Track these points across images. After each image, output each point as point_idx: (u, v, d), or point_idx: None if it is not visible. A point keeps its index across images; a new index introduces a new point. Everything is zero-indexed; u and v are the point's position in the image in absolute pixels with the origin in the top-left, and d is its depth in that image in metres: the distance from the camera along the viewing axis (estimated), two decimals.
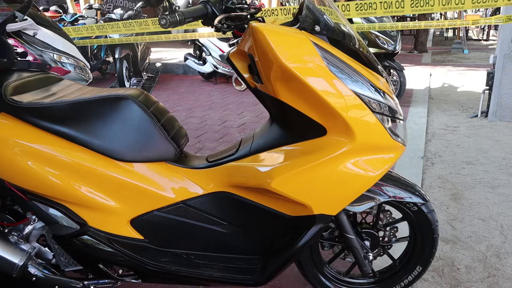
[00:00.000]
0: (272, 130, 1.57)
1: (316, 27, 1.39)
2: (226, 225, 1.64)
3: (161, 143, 1.60)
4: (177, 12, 1.32)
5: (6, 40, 1.70)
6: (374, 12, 3.02)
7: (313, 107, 1.39)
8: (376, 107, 1.44)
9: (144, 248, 1.64)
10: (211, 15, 1.41)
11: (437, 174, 3.42)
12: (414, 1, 2.84)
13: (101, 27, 4.57)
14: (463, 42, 10.54)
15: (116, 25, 4.44)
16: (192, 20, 1.36)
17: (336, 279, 1.90)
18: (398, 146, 1.51)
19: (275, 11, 3.75)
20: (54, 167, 1.53)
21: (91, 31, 4.67)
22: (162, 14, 1.33)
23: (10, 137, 1.51)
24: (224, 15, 1.39)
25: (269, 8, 4.35)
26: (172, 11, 1.32)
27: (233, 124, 4.73)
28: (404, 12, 2.93)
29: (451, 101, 5.68)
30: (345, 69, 1.39)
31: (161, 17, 1.33)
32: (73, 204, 1.57)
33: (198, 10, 1.38)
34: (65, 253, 1.71)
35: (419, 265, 1.84)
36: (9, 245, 1.68)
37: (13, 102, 1.52)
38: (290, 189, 1.45)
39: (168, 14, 1.32)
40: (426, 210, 1.73)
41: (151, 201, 1.61)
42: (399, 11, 2.92)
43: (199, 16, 1.39)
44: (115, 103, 1.57)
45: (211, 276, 1.61)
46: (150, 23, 4.25)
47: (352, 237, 1.70)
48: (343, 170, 1.44)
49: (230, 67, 4.91)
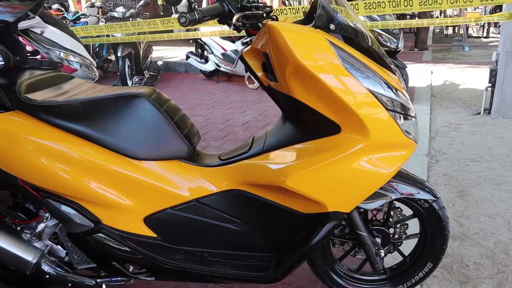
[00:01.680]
0: (285, 128, 1.58)
1: (330, 25, 1.40)
2: (239, 222, 1.64)
3: (175, 141, 1.60)
4: (196, 11, 1.33)
5: (19, 39, 1.70)
6: (383, 10, 3.03)
7: (327, 104, 1.40)
8: (389, 104, 1.45)
9: (157, 246, 1.64)
10: (227, 14, 1.42)
11: (442, 172, 3.43)
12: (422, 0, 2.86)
13: (109, 27, 4.57)
14: (464, 40, 10.55)
15: (124, 25, 4.44)
16: (210, 18, 1.37)
17: (347, 276, 1.91)
18: (410, 143, 1.52)
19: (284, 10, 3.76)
20: (68, 164, 1.54)
21: (100, 30, 4.67)
22: (181, 12, 1.34)
23: (24, 135, 1.52)
24: (241, 14, 1.40)
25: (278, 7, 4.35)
26: (191, 9, 1.33)
27: (236, 122, 4.73)
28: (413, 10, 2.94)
29: (453, 99, 5.69)
30: (359, 67, 1.40)
31: (181, 16, 1.34)
32: (87, 202, 1.58)
33: (215, 9, 1.39)
34: (78, 251, 1.72)
35: (430, 262, 1.85)
36: (22, 242, 1.69)
37: (28, 100, 1.52)
38: (305, 187, 1.45)
39: (187, 13, 1.33)
40: (437, 207, 1.74)
41: (165, 199, 1.61)
42: (408, 9, 2.93)
43: (216, 15, 1.41)
44: (129, 101, 1.57)
45: (225, 273, 1.62)
46: (159, 22, 4.25)
47: (364, 234, 1.71)
48: (357, 167, 1.45)
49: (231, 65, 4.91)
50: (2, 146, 1.52)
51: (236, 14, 1.40)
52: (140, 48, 6.58)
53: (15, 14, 1.59)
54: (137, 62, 6.55)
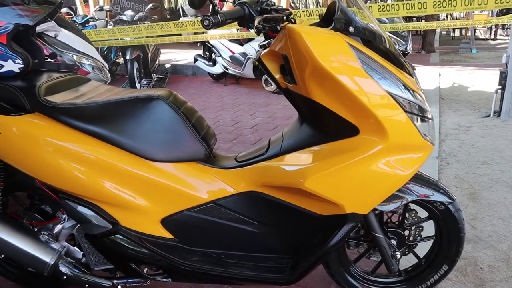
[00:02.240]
0: (303, 130, 1.59)
1: (350, 28, 1.41)
2: (256, 224, 1.65)
3: (192, 143, 1.61)
4: (219, 14, 1.35)
5: (37, 42, 1.71)
6: (397, 13, 3.04)
7: (346, 106, 1.41)
8: (407, 106, 1.46)
9: (174, 248, 1.65)
10: (247, 16, 1.44)
11: (453, 174, 3.42)
12: (436, 2, 2.86)
13: (122, 30, 4.60)
14: (472, 42, 10.50)
15: (137, 28, 4.47)
16: (232, 21, 1.39)
17: (362, 278, 1.91)
18: (427, 145, 1.53)
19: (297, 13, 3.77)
20: (87, 166, 1.55)
21: (112, 34, 4.70)
22: (205, 15, 1.35)
23: (44, 137, 1.53)
24: (262, 16, 1.41)
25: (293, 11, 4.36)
26: (214, 12, 1.35)
27: (245, 125, 4.74)
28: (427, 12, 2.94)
29: (462, 101, 5.67)
30: (378, 69, 1.41)
31: (204, 18, 1.35)
32: (105, 203, 1.59)
33: (236, 12, 1.41)
34: (95, 252, 1.74)
35: (445, 264, 1.84)
36: (40, 243, 1.71)
37: (47, 102, 1.54)
38: (323, 189, 1.46)
39: (211, 15, 1.34)
40: (453, 209, 1.74)
41: (182, 200, 1.62)
42: (422, 11, 2.93)
43: (237, 18, 1.42)
44: (147, 103, 1.59)
45: (242, 275, 1.62)
46: (172, 25, 4.28)
47: (380, 236, 1.71)
48: (376, 169, 1.45)
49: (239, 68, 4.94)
50: (22, 148, 1.53)
51: (257, 17, 1.41)
52: (148, 51, 6.61)
53: (35, 17, 1.60)
54: (145, 65, 6.58)
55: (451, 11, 2.94)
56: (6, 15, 1.53)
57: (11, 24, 1.52)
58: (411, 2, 2.89)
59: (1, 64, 1.53)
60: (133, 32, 4.55)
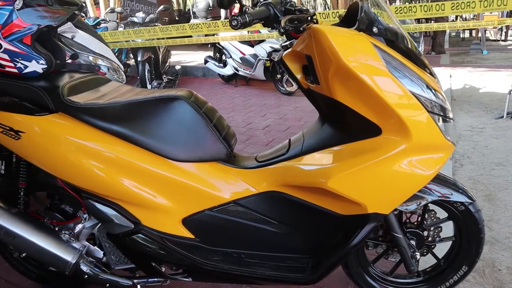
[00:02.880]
0: (324, 130, 1.59)
1: (373, 28, 1.41)
2: (277, 224, 1.65)
3: (214, 143, 1.62)
4: (246, 14, 1.36)
5: (59, 43, 1.73)
6: (414, 14, 3.03)
7: (370, 106, 1.41)
8: (430, 106, 1.46)
9: (195, 247, 1.66)
10: (273, 17, 1.45)
11: (468, 176, 3.40)
12: (455, 4, 2.85)
13: (137, 31, 4.63)
14: (482, 43, 10.45)
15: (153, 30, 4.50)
16: (258, 21, 1.40)
17: (381, 278, 1.91)
18: (448, 145, 1.52)
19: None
20: (110, 165, 1.56)
21: (128, 35, 4.73)
22: (233, 16, 1.37)
23: (68, 136, 1.55)
24: (288, 17, 1.42)
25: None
26: (242, 12, 1.36)
27: (257, 126, 4.75)
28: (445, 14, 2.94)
29: (474, 102, 5.65)
30: (401, 69, 1.41)
31: (233, 19, 1.37)
32: (127, 203, 1.60)
33: (262, 12, 1.42)
34: (116, 252, 1.75)
35: (465, 265, 1.84)
36: (62, 243, 1.72)
37: (71, 102, 1.55)
38: (346, 188, 1.46)
39: (239, 16, 1.36)
40: (473, 209, 1.73)
41: (203, 200, 1.63)
42: (439, 13, 2.92)
43: (262, 18, 1.43)
44: (169, 104, 1.60)
45: (263, 274, 1.63)
46: (187, 27, 4.30)
47: (400, 236, 1.70)
48: (398, 169, 1.45)
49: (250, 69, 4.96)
50: (46, 147, 1.55)
51: (283, 17, 1.42)
52: (159, 52, 6.63)
53: (59, 19, 1.62)
54: (156, 67, 6.60)
55: (469, 12, 2.93)
56: (31, 16, 1.54)
57: (35, 25, 1.54)
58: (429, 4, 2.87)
59: (25, 64, 1.55)
60: (148, 33, 4.58)
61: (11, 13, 1.51)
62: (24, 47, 1.53)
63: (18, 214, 1.73)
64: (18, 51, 1.53)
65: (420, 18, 11.61)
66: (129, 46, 5.84)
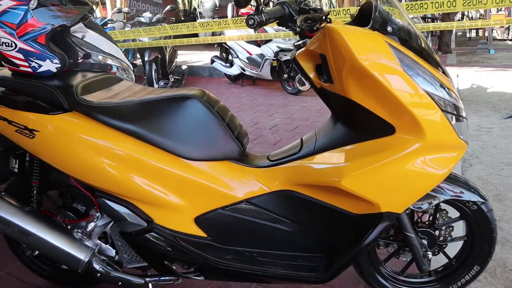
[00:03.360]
0: (337, 129, 1.59)
1: (388, 27, 1.41)
2: (289, 223, 1.66)
3: (227, 142, 1.63)
4: (263, 13, 1.37)
5: (71, 42, 1.74)
6: (425, 11, 3.02)
7: (384, 105, 1.41)
8: (443, 105, 1.46)
9: (208, 246, 1.66)
10: (287, 16, 1.45)
11: (477, 175, 3.39)
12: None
13: (148, 30, 4.64)
14: (489, 42, 10.40)
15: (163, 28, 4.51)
16: (273, 20, 1.41)
17: (393, 278, 1.90)
18: (462, 144, 1.52)
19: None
20: (123, 164, 1.57)
21: (138, 34, 4.75)
22: (250, 15, 1.37)
23: (82, 135, 1.56)
24: (304, 16, 1.43)
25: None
26: (259, 12, 1.37)
27: (265, 125, 4.75)
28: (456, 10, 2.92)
29: (482, 102, 5.62)
30: (416, 67, 1.42)
31: (249, 18, 1.38)
32: (140, 201, 1.61)
33: (277, 11, 1.43)
34: (128, 250, 1.75)
35: (477, 265, 1.83)
36: (74, 241, 1.73)
37: (85, 101, 1.56)
38: (360, 187, 1.46)
39: (256, 15, 1.36)
40: (486, 209, 1.73)
41: (216, 199, 1.64)
42: (451, 9, 2.90)
43: (278, 17, 1.44)
44: (182, 103, 1.60)
45: (276, 273, 1.63)
46: (198, 25, 4.31)
47: (412, 236, 1.70)
48: (412, 168, 1.45)
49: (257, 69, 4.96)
50: (60, 146, 1.56)
51: (298, 16, 1.43)
52: (166, 52, 6.65)
53: (72, 18, 1.63)
54: (163, 67, 6.62)
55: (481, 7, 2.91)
56: (45, 16, 1.55)
57: (50, 25, 1.55)
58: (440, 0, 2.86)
59: (39, 64, 1.56)
60: (158, 31, 4.59)
61: (26, 13, 1.52)
62: (38, 46, 1.54)
63: (31, 213, 1.74)
64: (33, 51, 1.54)
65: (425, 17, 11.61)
66: (136, 46, 5.85)
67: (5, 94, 1.61)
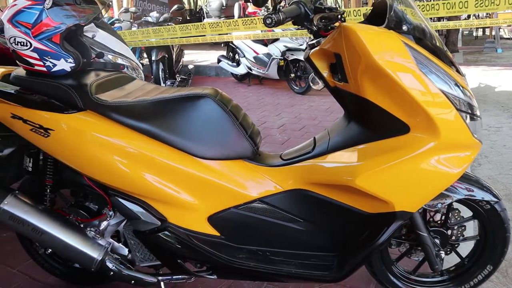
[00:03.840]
0: (350, 128, 1.59)
1: (403, 26, 1.41)
2: (302, 222, 1.66)
3: (240, 141, 1.63)
4: (280, 12, 1.37)
5: (84, 42, 1.75)
6: (437, 12, 3.01)
7: (399, 104, 1.42)
8: (459, 104, 1.46)
9: (221, 245, 1.67)
10: (303, 15, 1.46)
11: (486, 175, 3.37)
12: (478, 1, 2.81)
13: (157, 31, 4.65)
14: (497, 41, 10.35)
15: (172, 28, 4.52)
16: (289, 20, 1.41)
17: (405, 277, 1.90)
18: (476, 143, 1.52)
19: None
20: (137, 163, 1.58)
21: (147, 35, 4.76)
22: (267, 14, 1.38)
23: (96, 133, 1.57)
24: (320, 15, 1.43)
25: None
26: (276, 11, 1.37)
27: (272, 125, 4.75)
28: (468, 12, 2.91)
29: (490, 101, 5.60)
30: (431, 66, 1.42)
31: (267, 17, 1.38)
32: (154, 200, 1.62)
33: (293, 10, 1.44)
34: (141, 249, 1.76)
35: (489, 264, 1.82)
36: (88, 240, 1.74)
37: (99, 100, 1.57)
38: (374, 186, 1.46)
39: (273, 14, 1.37)
40: (499, 208, 1.72)
41: (229, 198, 1.64)
42: (462, 11, 2.89)
43: (294, 16, 1.44)
44: (195, 102, 1.61)
45: (289, 272, 1.63)
46: (207, 26, 4.31)
47: (425, 235, 1.70)
48: (427, 167, 1.45)
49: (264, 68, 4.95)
50: (75, 144, 1.57)
51: (315, 15, 1.44)
52: (173, 52, 6.66)
53: (86, 17, 1.63)
54: (170, 66, 6.63)
55: (493, 10, 2.89)
56: (60, 15, 1.55)
57: (64, 24, 1.56)
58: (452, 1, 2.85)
59: (53, 63, 1.57)
60: (167, 32, 4.60)
61: (41, 13, 1.53)
62: (53, 45, 1.55)
63: (45, 211, 1.75)
64: (48, 50, 1.55)
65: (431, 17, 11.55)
66: (143, 45, 5.86)
67: (20, 93, 1.62)
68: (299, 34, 5.35)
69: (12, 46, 1.57)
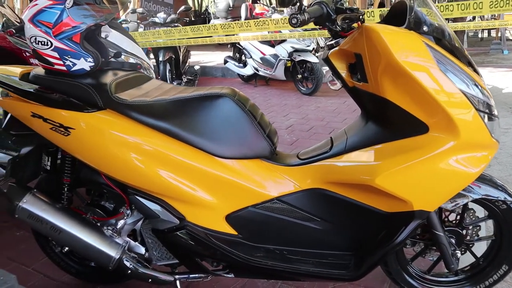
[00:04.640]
0: (368, 128, 1.60)
1: (424, 27, 1.43)
2: (320, 221, 1.67)
3: (258, 141, 1.64)
4: (305, 12, 1.39)
5: (102, 41, 1.76)
6: (451, 13, 3.01)
7: (419, 104, 1.43)
8: (477, 104, 1.47)
9: (238, 244, 1.67)
10: (325, 16, 1.47)
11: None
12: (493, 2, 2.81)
13: (168, 32, 4.67)
14: (503, 43, 10.33)
15: (183, 30, 4.53)
16: (313, 20, 1.43)
17: (420, 277, 1.90)
18: (494, 143, 1.53)
19: None
20: (156, 162, 1.59)
21: (158, 36, 4.78)
22: (292, 14, 1.40)
23: (117, 133, 1.58)
24: (342, 15, 1.45)
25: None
26: (301, 11, 1.39)
27: (280, 125, 4.76)
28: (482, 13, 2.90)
29: (497, 103, 5.48)
30: (451, 67, 1.43)
31: (292, 17, 1.40)
32: (173, 199, 1.63)
33: (317, 11, 1.46)
34: (159, 247, 1.77)
35: (505, 264, 1.83)
36: (105, 238, 1.75)
37: (119, 99, 1.58)
38: (394, 185, 1.47)
39: (298, 14, 1.38)
40: None
41: (247, 197, 1.65)
42: (477, 11, 2.89)
43: (317, 17, 1.46)
44: (214, 101, 1.62)
45: (307, 271, 1.64)
46: (219, 27, 4.32)
47: (441, 234, 1.70)
48: (445, 167, 1.46)
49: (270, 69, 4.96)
50: (95, 143, 1.58)
51: (337, 16, 1.46)
52: (180, 52, 6.68)
53: (103, 17, 1.65)
54: (176, 67, 6.65)
55: (508, 11, 2.89)
56: (80, 15, 1.57)
57: (85, 24, 1.57)
58: (466, 2, 2.84)
59: (73, 62, 1.58)
60: (179, 33, 4.62)
61: (62, 12, 1.54)
62: (73, 45, 1.56)
63: (63, 210, 1.76)
64: (68, 49, 1.56)
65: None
66: (150, 46, 5.88)
67: (40, 92, 1.63)
68: (306, 35, 5.36)
69: (32, 45, 1.59)
